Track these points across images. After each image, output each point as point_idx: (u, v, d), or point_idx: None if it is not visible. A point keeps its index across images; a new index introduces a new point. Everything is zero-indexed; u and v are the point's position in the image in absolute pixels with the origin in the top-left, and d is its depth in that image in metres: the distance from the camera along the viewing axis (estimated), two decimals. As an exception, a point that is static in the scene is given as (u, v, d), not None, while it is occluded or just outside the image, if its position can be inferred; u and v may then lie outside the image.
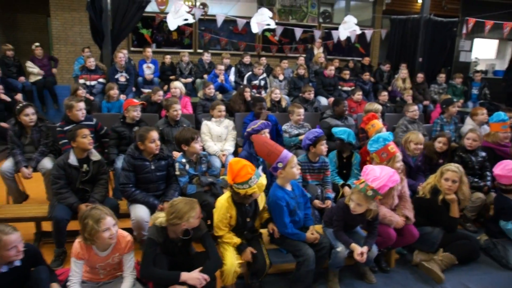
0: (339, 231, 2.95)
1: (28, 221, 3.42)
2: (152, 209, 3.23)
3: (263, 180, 2.68)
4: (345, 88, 7.80)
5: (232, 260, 2.71)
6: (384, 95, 6.78)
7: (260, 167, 3.58)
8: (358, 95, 6.55)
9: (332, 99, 7.32)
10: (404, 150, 4.01)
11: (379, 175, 2.77)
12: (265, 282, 2.98)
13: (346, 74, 7.92)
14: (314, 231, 2.94)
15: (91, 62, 6.77)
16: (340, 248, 2.90)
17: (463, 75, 8.40)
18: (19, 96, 7.17)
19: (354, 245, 2.86)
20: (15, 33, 11.03)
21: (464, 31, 8.16)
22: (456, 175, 3.31)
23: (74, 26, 10.02)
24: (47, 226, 3.52)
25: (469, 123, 5.44)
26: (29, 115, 3.98)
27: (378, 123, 4.42)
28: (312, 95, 6.33)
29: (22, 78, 7.66)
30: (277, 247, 3.09)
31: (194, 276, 2.44)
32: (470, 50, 11.42)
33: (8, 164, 3.93)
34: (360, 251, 2.81)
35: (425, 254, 3.41)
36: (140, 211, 3.18)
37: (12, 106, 5.24)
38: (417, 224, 3.28)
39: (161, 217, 2.58)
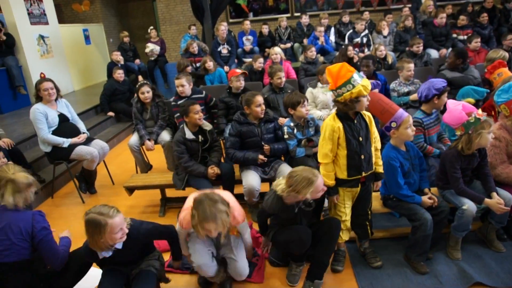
0: (462, 186, 2.68)
1: (154, 188, 3.82)
2: (255, 164, 3.41)
3: (366, 81, 2.42)
4: (461, 37, 6.95)
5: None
6: (510, 39, 5.86)
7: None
8: (476, 43, 5.79)
9: (444, 50, 6.64)
10: None
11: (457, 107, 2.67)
12: (378, 247, 2.89)
13: (463, 20, 7.02)
14: (431, 194, 2.75)
15: (194, 48, 7.08)
16: (467, 205, 2.63)
17: None
18: (140, 78, 7.97)
19: (489, 199, 2.62)
20: (128, 20, 12.08)
21: None
22: None
23: (176, 6, 10.63)
24: (170, 192, 3.92)
25: None
26: (145, 93, 4.37)
27: (507, 71, 3.90)
28: (421, 48, 5.82)
29: (137, 61, 8.46)
30: (389, 211, 2.96)
31: None
32: None
33: (134, 138, 4.41)
34: (497, 199, 2.58)
35: None
36: (251, 180, 3.33)
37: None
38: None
39: (282, 184, 2.47)
